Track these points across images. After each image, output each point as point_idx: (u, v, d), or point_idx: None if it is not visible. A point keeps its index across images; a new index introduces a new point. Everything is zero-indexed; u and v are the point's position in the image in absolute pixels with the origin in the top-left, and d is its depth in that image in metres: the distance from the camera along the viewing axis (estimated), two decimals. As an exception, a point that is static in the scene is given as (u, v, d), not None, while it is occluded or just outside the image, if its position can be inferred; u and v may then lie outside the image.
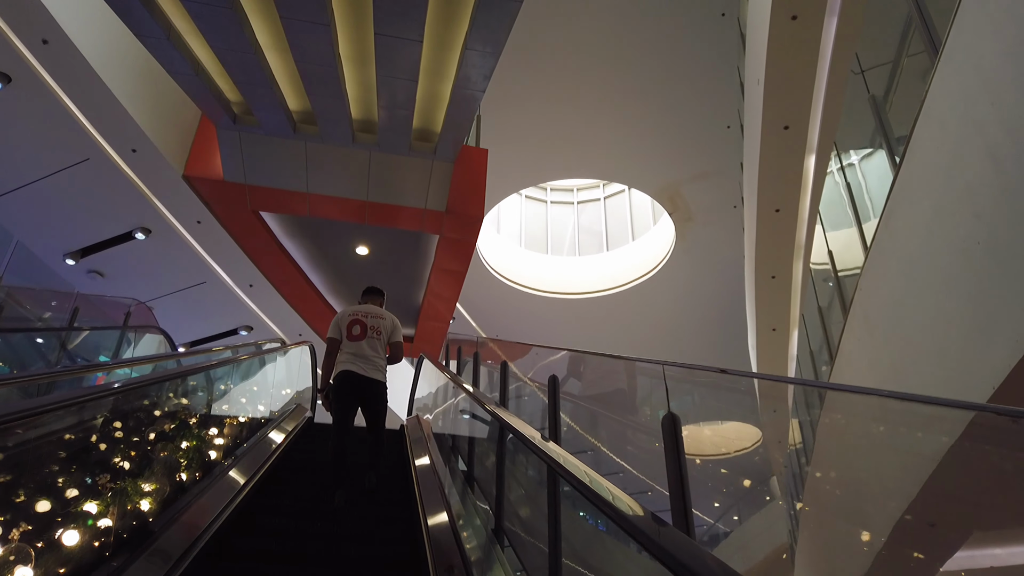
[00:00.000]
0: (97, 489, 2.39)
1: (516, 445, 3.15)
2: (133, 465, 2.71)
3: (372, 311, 5.16)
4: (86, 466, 2.53)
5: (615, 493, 1.52)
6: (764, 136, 7.78)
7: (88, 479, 2.43)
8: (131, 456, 2.78)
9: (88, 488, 2.38)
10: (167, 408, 3.90)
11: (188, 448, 3.20)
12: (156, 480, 2.66)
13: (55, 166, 8.06)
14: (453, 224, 8.74)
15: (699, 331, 18.34)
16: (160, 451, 2.96)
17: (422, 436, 5.69)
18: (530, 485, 3.07)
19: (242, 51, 5.36)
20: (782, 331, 11.08)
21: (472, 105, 6.12)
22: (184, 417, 3.79)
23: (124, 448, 2.97)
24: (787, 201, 8.58)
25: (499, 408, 3.11)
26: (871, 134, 5.41)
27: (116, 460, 2.75)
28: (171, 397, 3.86)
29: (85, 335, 6.90)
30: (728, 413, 9.17)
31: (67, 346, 6.58)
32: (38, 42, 6.59)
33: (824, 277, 7.84)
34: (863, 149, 6.34)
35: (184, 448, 3.17)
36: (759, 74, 7.47)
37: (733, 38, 11.24)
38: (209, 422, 3.88)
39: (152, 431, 3.29)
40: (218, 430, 3.85)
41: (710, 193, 14.51)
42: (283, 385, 6.61)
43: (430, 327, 11.54)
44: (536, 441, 2.25)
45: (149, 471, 2.71)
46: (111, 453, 2.78)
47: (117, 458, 2.75)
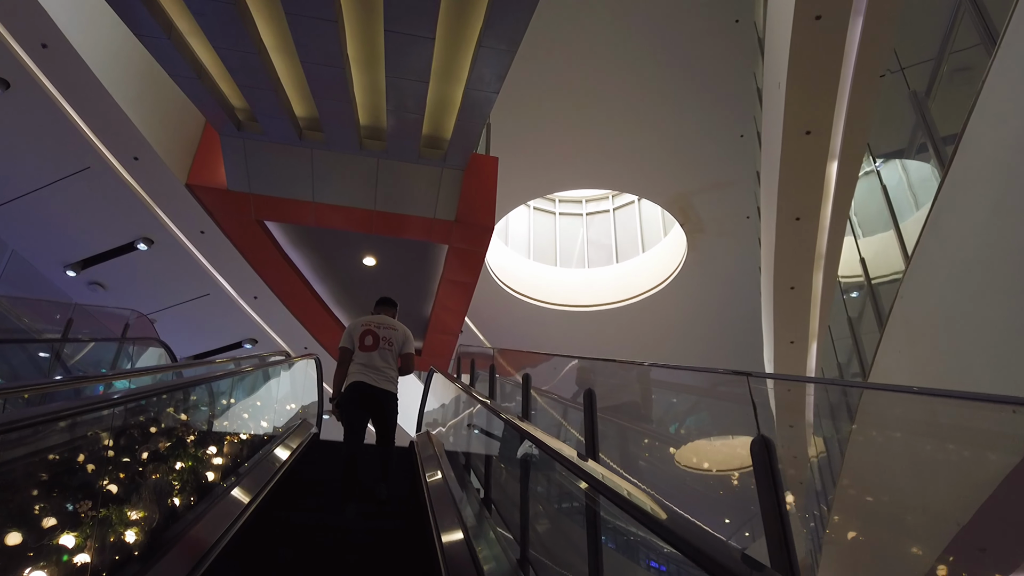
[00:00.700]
0: (78, 518, 2.13)
1: (544, 463, 2.87)
2: (121, 489, 2.44)
3: (384, 322, 5.11)
4: (68, 491, 2.27)
5: (689, 526, 1.25)
6: (785, 142, 7.52)
7: (69, 506, 2.17)
8: (120, 479, 2.52)
9: (68, 517, 2.11)
10: (162, 425, 3.64)
11: (182, 469, 2.94)
12: (145, 507, 2.39)
13: (55, 175, 7.86)
14: (462, 234, 8.50)
15: (711, 344, 18.02)
16: (152, 473, 2.69)
17: (433, 454, 5.41)
18: (564, 510, 2.79)
19: (245, 51, 5.14)
20: (800, 344, 10.78)
21: (484, 108, 5.89)
22: (181, 434, 3.52)
23: (112, 470, 2.71)
24: (808, 209, 8.31)
25: (526, 423, 2.84)
26: (910, 134, 5.15)
27: (103, 483, 2.49)
28: (167, 412, 3.60)
29: (81, 347, 6.66)
30: (739, 427, 8.91)
31: (61, 359, 6.33)
32: (37, 46, 6.41)
33: (853, 287, 7.57)
34: (900, 150, 6.07)
35: (178, 469, 2.91)
36: (780, 77, 7.23)
37: (747, 45, 11.03)
38: (207, 440, 3.62)
39: (145, 450, 3.02)
40: (217, 448, 3.58)
41: (722, 204, 14.25)
42: (288, 400, 6.34)
43: (438, 340, 11.27)
44: (574, 459, 1.98)
45: (137, 497, 2.45)
46: (97, 476, 2.52)
47: (104, 480, 2.49)
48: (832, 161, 7.71)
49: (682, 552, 1.16)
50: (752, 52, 11.06)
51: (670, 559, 2.05)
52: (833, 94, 7.05)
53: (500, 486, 3.86)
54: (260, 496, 3.70)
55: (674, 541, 1.20)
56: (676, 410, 8.81)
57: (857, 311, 7.05)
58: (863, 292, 6.63)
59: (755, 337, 17.27)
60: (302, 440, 5.58)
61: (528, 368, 4.21)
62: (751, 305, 16.37)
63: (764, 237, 10.10)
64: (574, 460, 1.99)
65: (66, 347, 6.36)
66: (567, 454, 2.00)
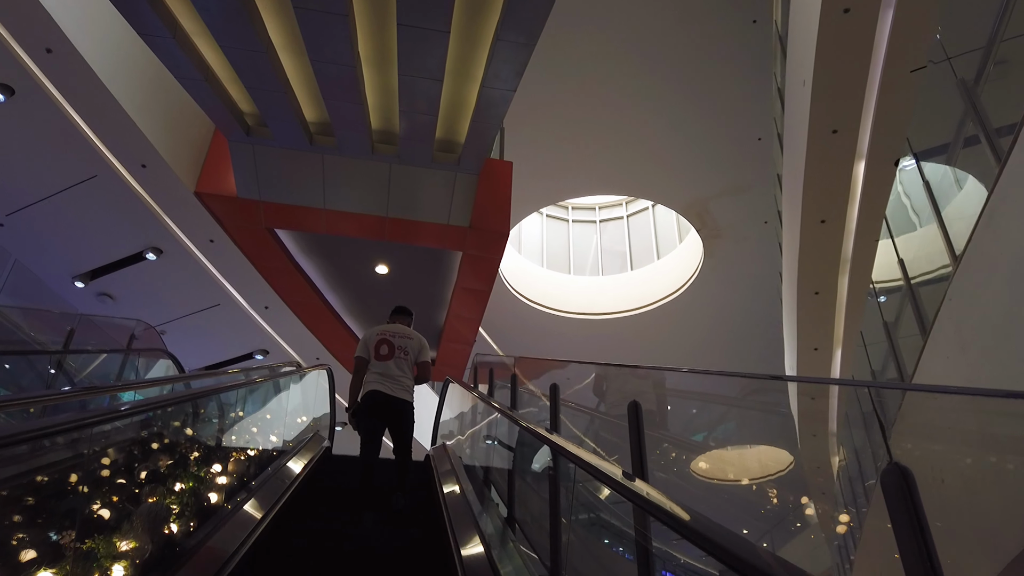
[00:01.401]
0: (60, 551, 1.90)
1: (579, 480, 2.62)
2: (113, 515, 2.22)
3: (400, 331, 5.10)
4: (53, 518, 2.04)
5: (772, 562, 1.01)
6: (810, 141, 7.26)
7: (52, 535, 1.94)
8: (113, 503, 2.30)
9: (49, 548, 1.89)
10: (165, 440, 3.43)
11: (182, 491, 2.71)
12: (137, 536, 2.16)
13: (62, 184, 7.71)
14: (477, 241, 8.28)
15: (729, 352, 17.71)
16: (148, 496, 2.47)
17: (451, 468, 5.16)
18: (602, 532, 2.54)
19: (252, 49, 4.95)
20: (825, 351, 10.46)
21: (500, 108, 5.67)
22: (184, 451, 3.30)
23: (106, 492, 2.48)
24: (833, 211, 8.03)
25: (557, 436, 2.59)
26: (956, 126, 4.88)
27: (95, 508, 2.27)
28: (169, 427, 3.38)
29: (85, 359, 6.47)
30: (760, 437, 8.62)
31: (66, 371, 6.14)
32: (41, 51, 6.27)
33: (889, 290, 7.27)
34: (944, 144, 5.79)
35: (177, 491, 2.68)
36: (805, 75, 6.97)
37: (765, 46, 10.79)
38: (211, 457, 3.40)
39: (143, 469, 2.80)
40: (221, 467, 3.35)
41: (740, 208, 13.97)
42: (298, 412, 6.12)
43: (452, 350, 11.04)
44: (618, 478, 1.74)
45: (129, 524, 2.22)
46: (89, 499, 2.29)
47: (96, 505, 2.26)
48: (859, 161, 7.43)
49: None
50: (770, 53, 10.82)
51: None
52: (861, 90, 6.79)
53: (525, 503, 3.61)
54: (268, 517, 3.47)
55: None
56: (705, 420, 8.56)
57: (894, 315, 6.76)
58: (901, 295, 6.33)
59: (774, 344, 16.93)
60: (313, 455, 5.35)
61: (557, 378, 3.96)
62: (770, 312, 16.05)
63: (787, 241, 9.82)
64: (620, 480, 1.74)
65: (69, 359, 6.17)
66: (611, 473, 1.75)
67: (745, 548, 1.05)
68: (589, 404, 5.08)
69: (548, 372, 5.21)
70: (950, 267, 4.41)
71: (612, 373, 7.13)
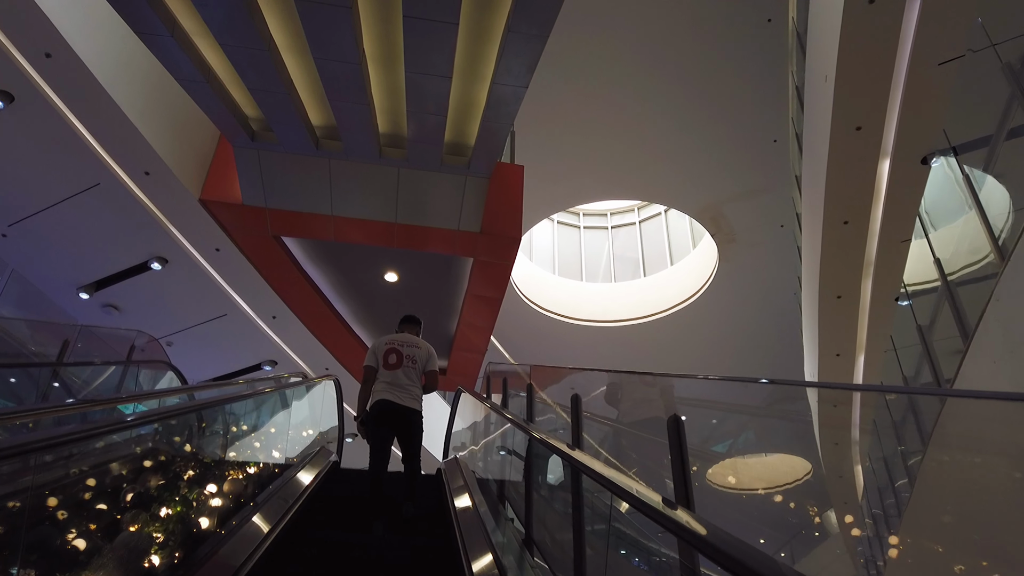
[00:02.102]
0: None
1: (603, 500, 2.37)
2: (89, 545, 1.99)
3: (408, 340, 5.15)
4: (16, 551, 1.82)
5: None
6: (833, 139, 7.00)
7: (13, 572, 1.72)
8: (90, 531, 2.07)
9: None
10: (161, 458, 3.21)
11: (168, 518, 2.48)
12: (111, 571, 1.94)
13: (64, 193, 7.56)
14: (488, 246, 8.06)
15: (745, 358, 17.40)
16: (130, 523, 2.24)
17: (464, 484, 4.91)
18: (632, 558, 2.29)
19: (254, 47, 4.76)
20: (847, 357, 10.16)
21: (511, 106, 5.45)
22: (178, 470, 3.08)
23: (84, 519, 2.26)
24: (857, 212, 7.76)
25: (579, 453, 2.34)
26: (1000, 116, 4.62)
27: (69, 537, 2.04)
28: (161, 444, 3.16)
29: (84, 372, 6.28)
30: (778, 445, 8.34)
31: (67, 385, 5.95)
32: (40, 56, 6.11)
33: (923, 291, 6.98)
34: (985, 137, 5.51)
35: (163, 517, 2.46)
36: (827, 70, 6.73)
37: (781, 45, 10.55)
38: (206, 477, 3.17)
39: (130, 491, 2.58)
40: (217, 487, 3.12)
41: (755, 212, 13.70)
42: (304, 425, 5.90)
43: (464, 358, 10.80)
44: (660, 507, 1.49)
45: (100, 560, 1.99)
46: (64, 528, 2.07)
47: (71, 534, 2.04)
48: (884, 159, 7.17)
49: None
50: (786, 52, 10.58)
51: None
52: (887, 85, 6.53)
53: (543, 522, 3.36)
54: (268, 540, 3.23)
55: None
56: (724, 429, 8.31)
57: (928, 318, 6.46)
58: (937, 296, 6.04)
59: (792, 350, 16.60)
60: (320, 470, 5.11)
61: (576, 387, 3.72)
62: (787, 317, 15.74)
63: (807, 244, 9.54)
64: (662, 510, 1.50)
65: (68, 372, 5.98)
66: (652, 501, 1.51)
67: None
68: (612, 416, 4.83)
69: (566, 381, 4.97)
70: (996, 266, 4.14)
71: (626, 380, 6.89)
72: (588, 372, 4.79)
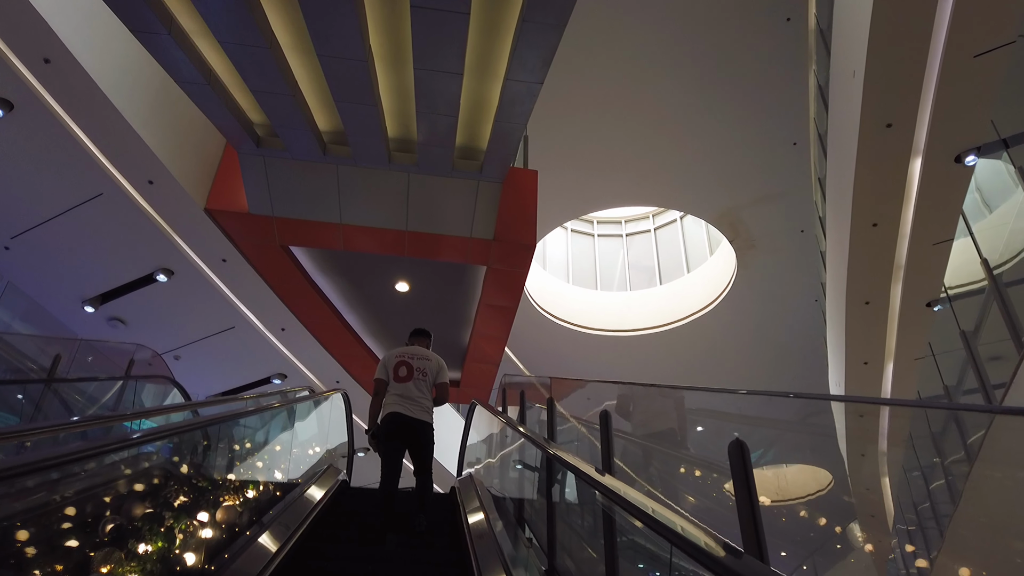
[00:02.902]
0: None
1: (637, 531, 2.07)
2: None
3: (418, 352, 5.18)
4: None
5: None
6: (861, 138, 6.69)
7: None
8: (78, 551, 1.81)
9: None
10: (155, 481, 2.95)
11: (146, 556, 2.21)
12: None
13: (66, 204, 7.37)
14: (502, 253, 7.79)
15: (765, 367, 17.00)
16: (102, 563, 1.97)
17: (480, 507, 4.61)
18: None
19: (255, 45, 4.53)
20: (875, 365, 9.78)
21: (526, 104, 5.19)
22: (169, 496, 2.81)
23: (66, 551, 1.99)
24: (887, 213, 7.43)
25: (614, 480, 2.05)
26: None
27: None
28: (155, 466, 2.90)
29: (85, 387, 6.04)
30: (800, 456, 8.03)
31: (41, 404, 5.69)
32: (39, 61, 5.92)
33: (966, 293, 6.63)
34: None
35: (140, 553, 2.19)
36: (855, 65, 6.43)
37: (800, 45, 10.25)
38: (200, 503, 2.89)
39: (110, 522, 2.31)
40: (209, 515, 2.84)
41: (775, 217, 13.34)
42: (311, 442, 5.63)
43: (477, 370, 10.52)
44: (723, 559, 1.20)
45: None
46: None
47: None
48: (916, 157, 6.84)
49: None
50: (806, 52, 10.28)
51: None
52: (919, 79, 6.23)
53: (568, 550, 3.06)
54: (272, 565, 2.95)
55: None
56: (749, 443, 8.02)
57: (972, 323, 6.12)
58: (984, 299, 5.70)
59: (814, 359, 16.21)
60: (327, 490, 4.83)
61: (606, 402, 3.43)
62: (808, 325, 15.36)
63: (832, 248, 9.20)
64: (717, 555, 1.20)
65: (64, 388, 5.74)
66: (716, 554, 1.22)
67: None
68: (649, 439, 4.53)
69: (585, 393, 4.69)
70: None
71: (639, 392, 6.62)
72: (611, 385, 4.48)
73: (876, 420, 6.97)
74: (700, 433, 7.12)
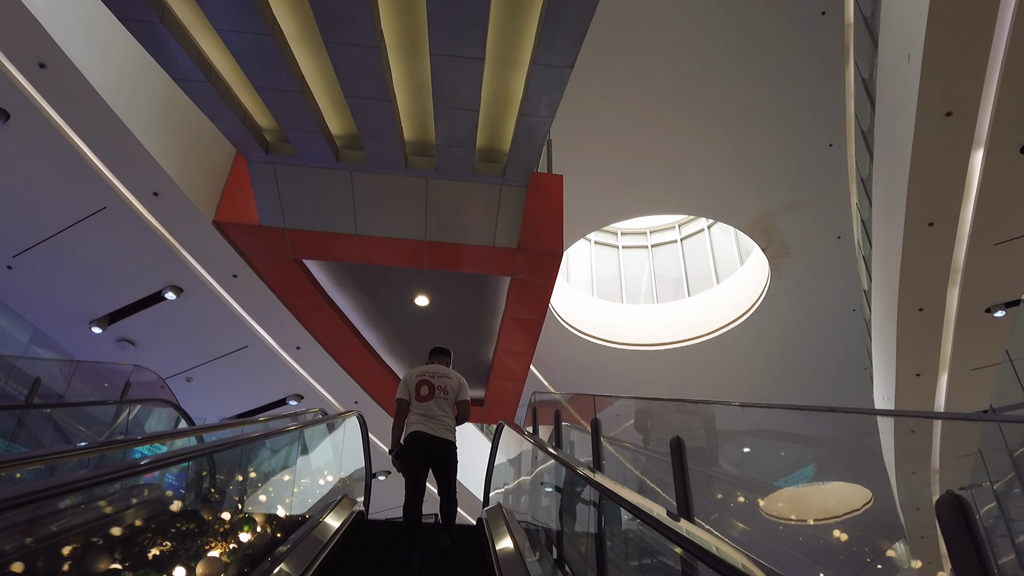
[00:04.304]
0: None
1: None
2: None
3: (439, 371, 5.16)
4: None
5: None
6: (918, 128, 6.14)
7: None
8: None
9: None
10: (135, 522, 2.49)
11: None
12: None
13: (69, 219, 7.02)
14: (527, 263, 7.32)
15: (799, 381, 16.31)
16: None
17: (512, 547, 4.07)
18: None
19: (256, 33, 4.11)
20: (929, 376, 9.14)
21: (553, 94, 4.71)
22: (145, 541, 2.34)
23: None
24: (945, 211, 6.86)
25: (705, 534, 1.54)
26: None
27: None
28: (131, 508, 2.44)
29: (75, 412, 5.62)
30: (841, 474, 7.55)
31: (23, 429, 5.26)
32: (34, 66, 5.57)
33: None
34: None
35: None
36: (912, 47, 5.90)
37: (836, 40, 9.72)
38: (178, 554, 2.42)
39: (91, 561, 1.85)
40: (186, 573, 2.36)
41: (810, 223, 12.74)
42: (323, 471, 5.15)
43: (502, 388, 10.00)
44: None
45: None
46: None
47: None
48: (977, 149, 6.28)
49: None
50: (842, 46, 9.74)
51: None
52: (983, 62, 5.67)
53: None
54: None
55: None
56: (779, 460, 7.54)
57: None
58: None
59: (852, 372, 15.53)
60: (341, 524, 4.33)
61: (676, 428, 2.90)
62: (847, 336, 14.68)
63: (882, 252, 8.61)
64: None
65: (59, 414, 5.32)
66: None
67: None
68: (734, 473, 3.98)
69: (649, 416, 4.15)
70: None
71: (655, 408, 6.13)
72: (690, 403, 3.95)
73: (928, 436, 6.40)
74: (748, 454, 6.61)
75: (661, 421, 5.79)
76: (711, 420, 5.76)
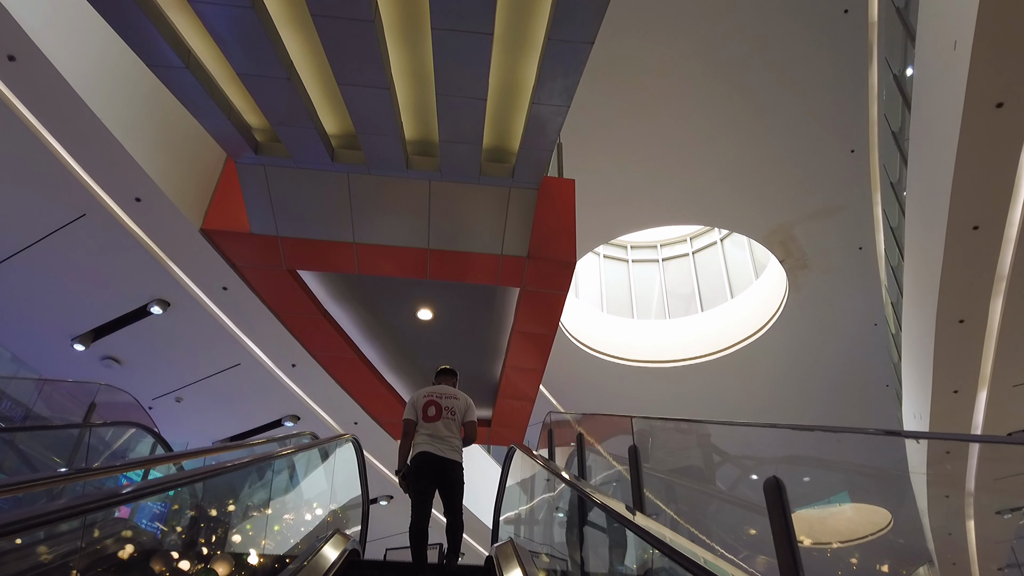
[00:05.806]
0: None
1: None
2: None
3: (446, 391, 5.20)
4: None
5: None
6: (965, 121, 5.62)
7: None
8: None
9: None
10: None
11: None
12: None
13: (45, 228, 6.54)
14: (538, 273, 6.81)
15: (818, 399, 15.71)
16: None
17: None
18: None
19: (237, 5, 3.63)
20: (967, 393, 8.55)
21: (571, 74, 4.20)
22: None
23: None
24: (992, 213, 6.32)
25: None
26: None
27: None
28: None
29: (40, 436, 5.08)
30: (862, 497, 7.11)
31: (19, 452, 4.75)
32: (2, 58, 5.11)
33: None
34: None
35: None
36: (958, 34, 5.40)
37: (858, 39, 9.25)
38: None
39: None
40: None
41: (830, 233, 12.19)
42: (313, 503, 4.60)
43: (510, 407, 9.42)
44: None
45: None
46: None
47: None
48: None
49: None
50: (865, 46, 9.27)
51: None
52: (1040, 45, 5.16)
53: None
54: None
55: None
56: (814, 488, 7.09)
57: None
58: None
59: (874, 389, 14.92)
60: (328, 568, 3.77)
61: (774, 461, 2.34)
62: (868, 352, 14.09)
63: (918, 260, 8.06)
64: None
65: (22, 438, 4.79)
66: None
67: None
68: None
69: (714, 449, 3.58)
70: None
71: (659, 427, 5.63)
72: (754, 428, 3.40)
73: (964, 458, 5.88)
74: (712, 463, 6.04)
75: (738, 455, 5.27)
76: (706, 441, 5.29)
